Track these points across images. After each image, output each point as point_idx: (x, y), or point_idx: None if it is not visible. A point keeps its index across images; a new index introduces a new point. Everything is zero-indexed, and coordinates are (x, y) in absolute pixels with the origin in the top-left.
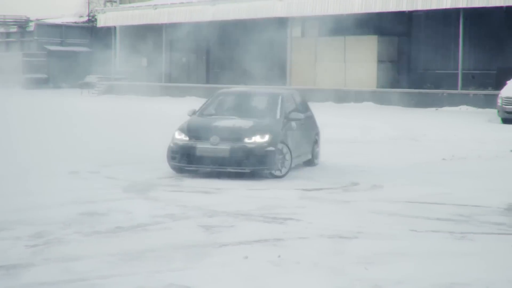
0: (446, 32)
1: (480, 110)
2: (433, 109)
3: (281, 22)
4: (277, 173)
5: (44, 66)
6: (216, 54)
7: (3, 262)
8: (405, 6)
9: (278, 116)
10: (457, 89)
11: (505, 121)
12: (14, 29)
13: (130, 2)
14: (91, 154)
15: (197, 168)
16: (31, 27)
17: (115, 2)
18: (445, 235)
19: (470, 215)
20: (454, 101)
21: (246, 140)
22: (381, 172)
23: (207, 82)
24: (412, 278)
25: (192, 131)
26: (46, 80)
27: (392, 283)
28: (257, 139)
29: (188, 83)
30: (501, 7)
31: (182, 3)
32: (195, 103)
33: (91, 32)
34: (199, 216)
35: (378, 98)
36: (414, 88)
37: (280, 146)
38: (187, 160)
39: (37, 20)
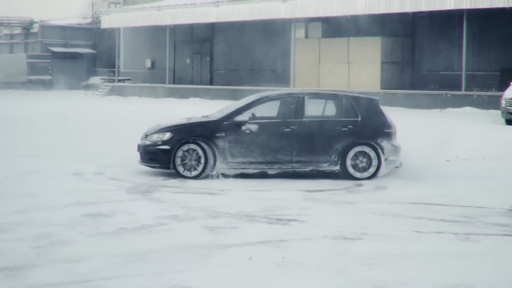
0: (449, 33)
1: (484, 111)
2: (437, 110)
3: (285, 24)
4: (185, 173)
5: (48, 68)
6: (220, 55)
7: (8, 263)
8: (408, 7)
9: (221, 117)
10: (460, 90)
11: (509, 122)
12: (18, 30)
13: (134, 4)
14: (95, 155)
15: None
16: (35, 28)
17: (119, 3)
18: (449, 236)
19: (474, 216)
20: (457, 102)
21: (152, 137)
22: (384, 173)
23: (211, 83)
24: (416, 279)
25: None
26: (50, 81)
27: (396, 284)
28: (156, 137)
29: (192, 85)
30: (504, 8)
31: (186, 4)
32: (199, 104)
33: (95, 33)
34: (203, 217)
35: (382, 99)
36: (418, 89)
37: (187, 147)
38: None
39: (41, 21)
